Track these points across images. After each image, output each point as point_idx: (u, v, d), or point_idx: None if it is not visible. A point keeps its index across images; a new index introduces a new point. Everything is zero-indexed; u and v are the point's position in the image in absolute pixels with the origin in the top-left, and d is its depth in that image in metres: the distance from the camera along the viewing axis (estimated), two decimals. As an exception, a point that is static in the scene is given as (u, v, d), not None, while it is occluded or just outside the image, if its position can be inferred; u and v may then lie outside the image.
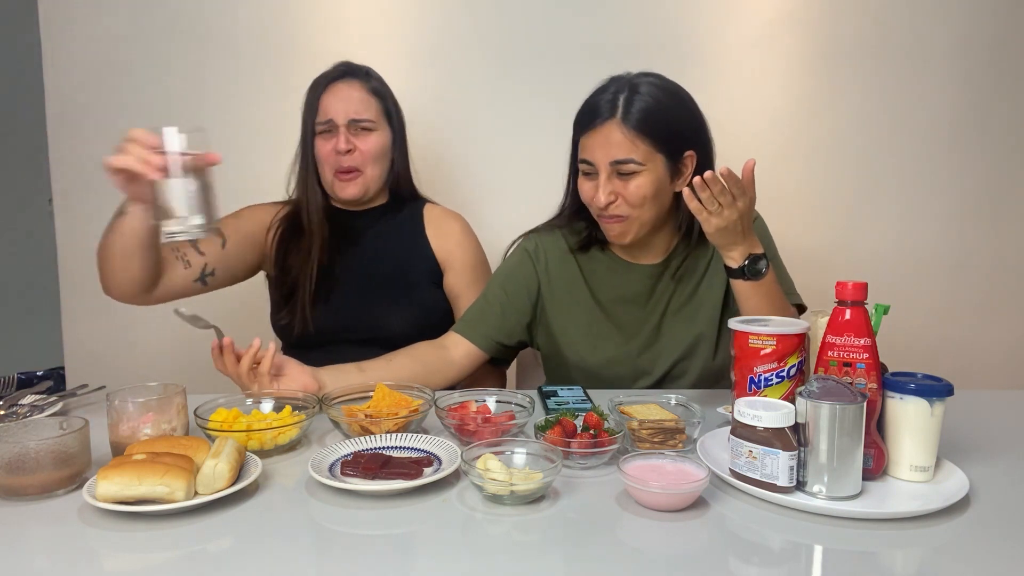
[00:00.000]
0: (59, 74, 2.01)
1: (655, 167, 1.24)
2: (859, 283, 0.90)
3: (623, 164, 1.23)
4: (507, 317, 1.42)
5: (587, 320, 1.41)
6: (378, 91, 1.52)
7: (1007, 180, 2.08)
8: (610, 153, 1.23)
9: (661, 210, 1.30)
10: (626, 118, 1.22)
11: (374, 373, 1.28)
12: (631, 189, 1.24)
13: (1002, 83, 2.04)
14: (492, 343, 1.41)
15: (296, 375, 1.22)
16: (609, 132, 1.23)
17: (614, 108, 1.23)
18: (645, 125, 1.22)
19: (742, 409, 0.87)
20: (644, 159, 1.23)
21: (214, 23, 1.99)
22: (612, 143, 1.23)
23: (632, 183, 1.24)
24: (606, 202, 1.26)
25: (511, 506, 0.84)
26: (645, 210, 1.27)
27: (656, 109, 1.23)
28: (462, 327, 1.42)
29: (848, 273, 0.98)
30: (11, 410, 1.15)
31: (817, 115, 2.04)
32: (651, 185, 1.24)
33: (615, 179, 1.25)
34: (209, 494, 0.83)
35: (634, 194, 1.24)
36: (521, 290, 1.43)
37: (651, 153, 1.23)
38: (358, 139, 1.48)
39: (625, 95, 1.24)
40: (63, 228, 2.07)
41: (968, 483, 0.87)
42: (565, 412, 1.03)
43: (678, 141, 1.25)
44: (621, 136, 1.22)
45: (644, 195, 1.24)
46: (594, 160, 1.26)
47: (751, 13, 2.00)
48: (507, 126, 2.02)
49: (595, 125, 1.25)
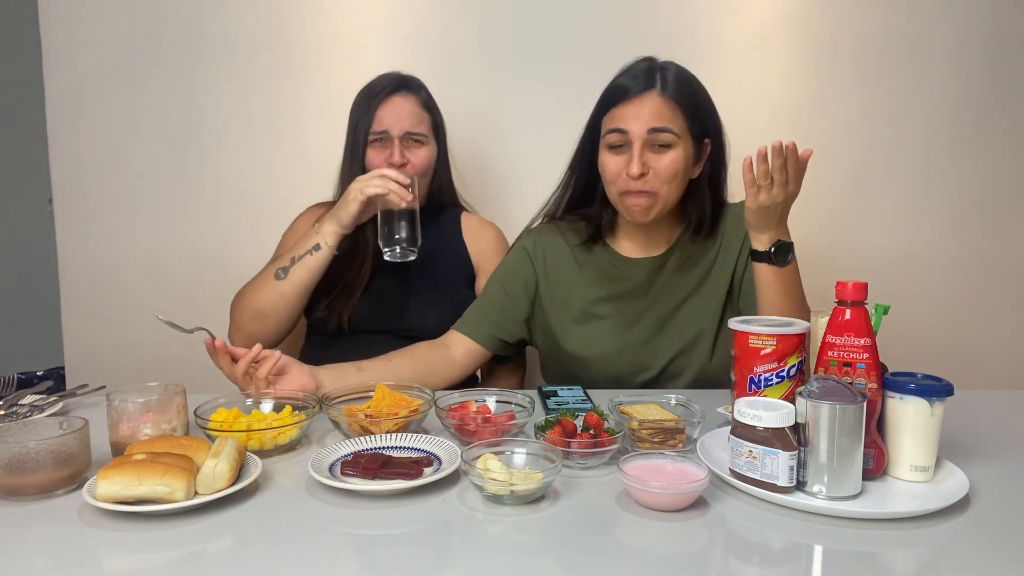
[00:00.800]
0: (59, 74, 2.01)
1: (686, 144, 1.25)
2: (859, 283, 0.90)
3: (661, 133, 1.23)
4: (506, 314, 1.43)
5: (586, 316, 1.41)
6: (429, 105, 1.58)
7: (1007, 180, 2.08)
8: (649, 121, 1.23)
9: (682, 192, 1.30)
10: (665, 88, 1.24)
11: (373, 373, 1.28)
12: (665, 163, 1.24)
13: (1002, 83, 2.04)
14: (492, 340, 1.42)
15: (295, 375, 1.22)
16: (649, 100, 1.23)
17: (652, 80, 1.25)
18: (683, 97, 1.24)
19: (742, 409, 0.87)
20: (680, 132, 1.24)
21: (214, 23, 1.99)
22: (651, 111, 1.23)
23: (666, 156, 1.24)
24: (639, 172, 1.23)
25: (511, 506, 0.84)
26: (673, 188, 1.27)
27: (689, 87, 1.27)
28: (462, 325, 1.43)
29: (848, 273, 0.98)
30: (11, 410, 1.15)
31: (817, 116, 2.04)
32: (682, 161, 1.25)
33: (647, 152, 1.24)
34: (209, 494, 0.82)
35: (667, 168, 1.24)
36: (519, 287, 1.44)
37: (685, 128, 1.25)
38: (410, 152, 1.53)
39: (662, 71, 1.26)
40: (63, 228, 2.07)
41: (968, 483, 0.87)
42: (565, 412, 1.03)
43: (703, 124, 1.28)
44: (662, 104, 1.23)
45: (676, 170, 1.24)
46: (629, 128, 1.24)
47: (751, 14, 2.00)
48: (502, 127, 2.02)
49: (631, 95, 1.25)
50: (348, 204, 1.38)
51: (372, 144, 1.52)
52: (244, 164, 2.04)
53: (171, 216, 2.05)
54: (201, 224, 2.05)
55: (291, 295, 1.42)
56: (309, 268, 1.42)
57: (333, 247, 1.42)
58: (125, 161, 2.04)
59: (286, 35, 1.99)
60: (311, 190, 1.73)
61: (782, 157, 1.10)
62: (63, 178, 2.05)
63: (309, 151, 2.01)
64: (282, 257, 1.46)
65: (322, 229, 1.42)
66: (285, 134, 2.03)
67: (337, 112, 1.77)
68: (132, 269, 2.07)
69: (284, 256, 1.45)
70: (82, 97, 2.01)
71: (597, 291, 1.41)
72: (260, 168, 2.04)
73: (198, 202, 2.05)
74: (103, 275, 2.07)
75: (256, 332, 1.44)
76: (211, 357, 1.20)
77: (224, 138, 2.03)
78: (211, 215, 2.05)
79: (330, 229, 1.41)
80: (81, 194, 2.04)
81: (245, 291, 1.47)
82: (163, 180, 2.04)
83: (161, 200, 2.05)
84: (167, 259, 2.06)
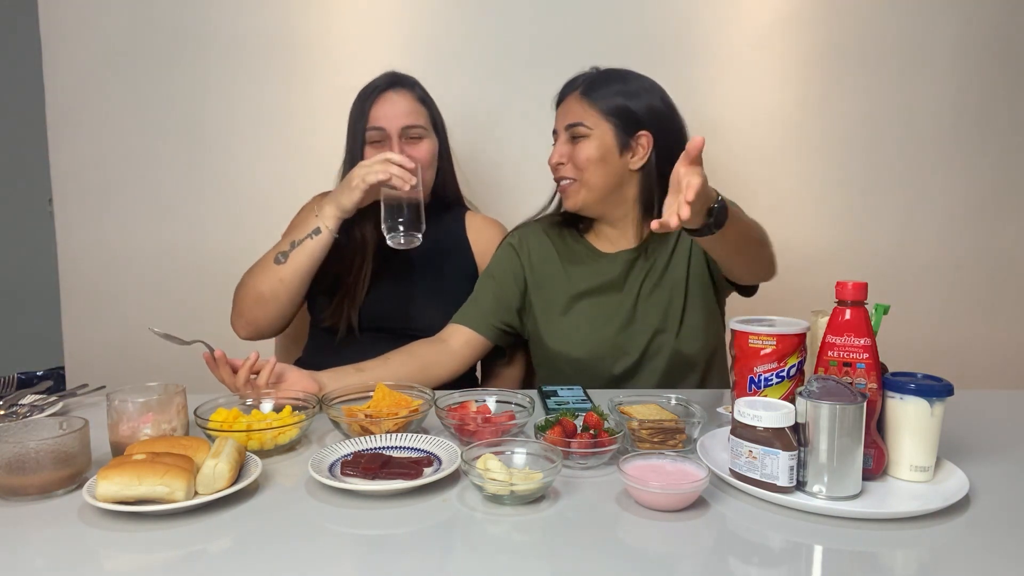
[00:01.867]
0: (59, 74, 2.01)
1: (602, 134, 1.38)
2: (859, 283, 0.90)
3: (574, 127, 1.39)
4: (500, 303, 1.48)
5: (568, 309, 1.46)
6: (425, 100, 1.56)
7: (1007, 180, 2.08)
8: (566, 119, 1.41)
9: (610, 178, 1.40)
10: (583, 90, 1.40)
11: (373, 373, 1.30)
12: (577, 152, 1.38)
13: (1002, 83, 2.04)
14: (490, 327, 1.47)
15: (295, 380, 1.23)
16: (570, 102, 1.42)
17: (577, 83, 1.43)
18: (597, 95, 1.39)
19: (742, 409, 0.87)
20: (593, 124, 1.38)
21: (214, 23, 1.99)
22: (570, 110, 1.41)
23: (579, 146, 1.38)
24: (556, 162, 1.42)
25: (511, 506, 0.84)
26: (591, 174, 1.38)
27: (612, 86, 1.39)
28: (458, 316, 1.48)
29: (848, 273, 0.98)
30: (11, 410, 1.15)
31: (817, 116, 2.04)
32: (596, 150, 1.37)
33: (568, 144, 1.40)
34: (209, 494, 0.82)
35: (579, 156, 1.38)
36: (509, 278, 1.50)
37: (599, 120, 1.38)
38: (410, 147, 1.51)
39: (590, 75, 1.43)
40: (63, 228, 2.07)
41: (968, 483, 0.87)
42: (565, 412, 1.03)
43: (629, 118, 1.38)
44: (577, 105, 1.40)
45: (588, 156, 1.37)
46: (557, 127, 1.44)
47: (751, 14, 2.00)
48: (504, 127, 2.02)
49: (563, 99, 1.45)
50: (351, 191, 1.35)
51: (370, 143, 1.51)
52: (244, 164, 2.04)
53: (171, 216, 2.05)
54: (201, 224, 2.05)
55: (291, 280, 1.40)
56: (309, 252, 1.39)
57: (334, 231, 1.39)
58: (125, 161, 2.04)
59: (287, 34, 1.99)
60: (312, 190, 1.73)
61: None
62: (63, 178, 2.05)
63: (310, 150, 2.01)
64: (282, 242, 1.44)
65: (322, 212, 1.39)
66: (286, 133, 2.03)
67: (340, 111, 1.76)
68: (132, 269, 2.07)
69: (284, 240, 1.44)
70: (82, 97, 2.01)
71: (578, 285, 1.47)
72: (261, 168, 2.04)
73: (198, 202, 2.05)
74: (103, 275, 2.07)
75: (257, 319, 1.43)
76: (211, 370, 1.20)
77: (224, 137, 2.03)
78: (211, 215, 2.05)
79: (331, 212, 1.38)
80: (81, 194, 2.04)
81: (247, 276, 1.45)
82: (163, 180, 2.04)
83: (161, 200, 2.05)
84: (167, 259, 2.06)
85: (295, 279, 1.40)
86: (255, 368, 1.20)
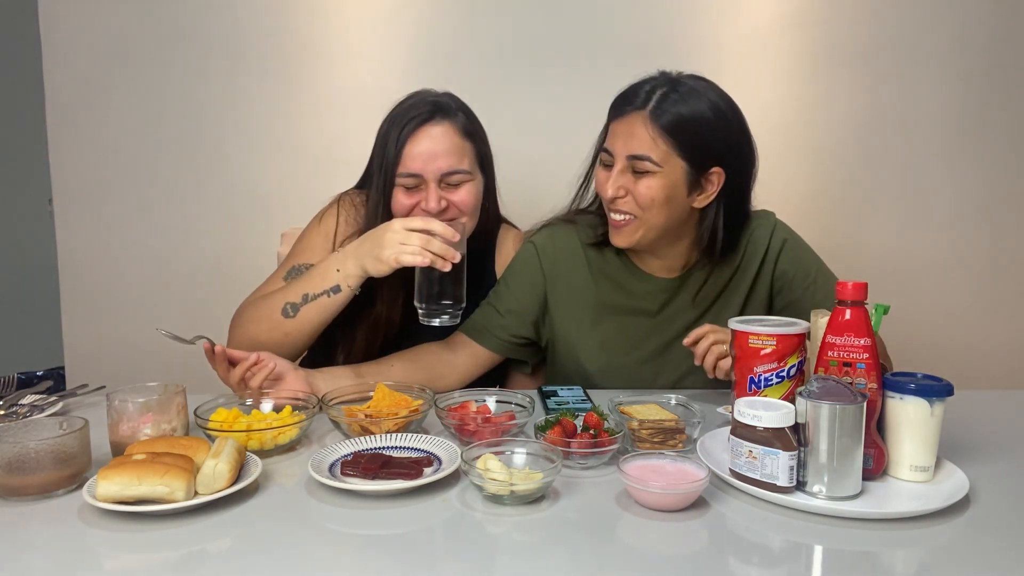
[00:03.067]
0: (59, 74, 2.01)
1: (672, 172, 1.19)
2: (859, 283, 0.90)
3: (639, 160, 1.19)
4: (512, 315, 1.37)
5: (591, 324, 1.37)
6: (471, 132, 1.34)
7: (1007, 180, 2.08)
8: (629, 146, 1.20)
9: (672, 219, 1.24)
10: (654, 114, 1.18)
11: (370, 379, 1.24)
12: (640, 188, 1.20)
13: (1001, 83, 2.04)
14: (497, 340, 1.36)
15: (290, 382, 1.19)
16: (634, 123, 1.19)
17: (647, 101, 1.20)
18: (671, 126, 1.17)
19: (742, 409, 0.86)
20: (662, 160, 1.18)
21: (214, 23, 1.99)
22: (634, 136, 1.19)
23: (643, 182, 1.20)
24: (613, 195, 1.22)
25: (511, 506, 0.84)
26: (653, 214, 1.21)
27: (688, 113, 1.18)
28: (467, 327, 1.37)
29: (848, 273, 0.98)
30: (11, 410, 1.15)
31: (817, 116, 2.04)
32: (662, 189, 1.19)
33: (628, 174, 1.21)
34: (209, 494, 0.82)
35: (643, 194, 1.20)
36: (525, 287, 1.37)
37: (670, 156, 1.18)
38: (450, 192, 1.30)
39: (662, 91, 1.20)
40: (63, 228, 2.07)
41: (968, 483, 0.87)
42: (565, 412, 1.02)
43: (705, 153, 1.20)
44: (644, 131, 1.18)
45: (653, 197, 1.19)
46: (613, 149, 1.23)
47: (751, 14, 2.00)
48: (513, 129, 2.02)
49: (624, 113, 1.22)
50: (380, 263, 1.17)
51: (403, 187, 1.29)
52: (244, 163, 2.04)
53: (171, 215, 2.06)
54: (201, 223, 2.05)
55: (297, 336, 1.24)
56: (324, 310, 1.23)
57: (355, 289, 1.23)
58: (125, 161, 2.04)
59: (286, 34, 1.99)
60: (313, 189, 1.72)
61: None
62: (63, 178, 2.05)
63: (310, 150, 2.02)
64: (292, 288, 1.25)
65: (345, 267, 1.21)
66: (286, 133, 2.03)
67: (340, 111, 1.78)
68: (132, 269, 2.07)
69: (295, 287, 1.25)
70: (82, 97, 2.01)
71: (605, 298, 1.36)
72: (261, 167, 2.05)
73: (198, 201, 2.05)
74: (103, 275, 2.07)
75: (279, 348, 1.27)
76: (209, 362, 1.18)
77: (224, 137, 2.03)
78: (211, 214, 2.05)
79: (355, 272, 1.20)
80: (81, 194, 2.04)
81: (246, 316, 1.30)
82: (163, 180, 2.05)
83: (161, 200, 2.05)
84: (167, 259, 2.06)
85: (301, 335, 1.25)
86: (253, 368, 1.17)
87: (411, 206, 1.30)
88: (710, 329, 1.18)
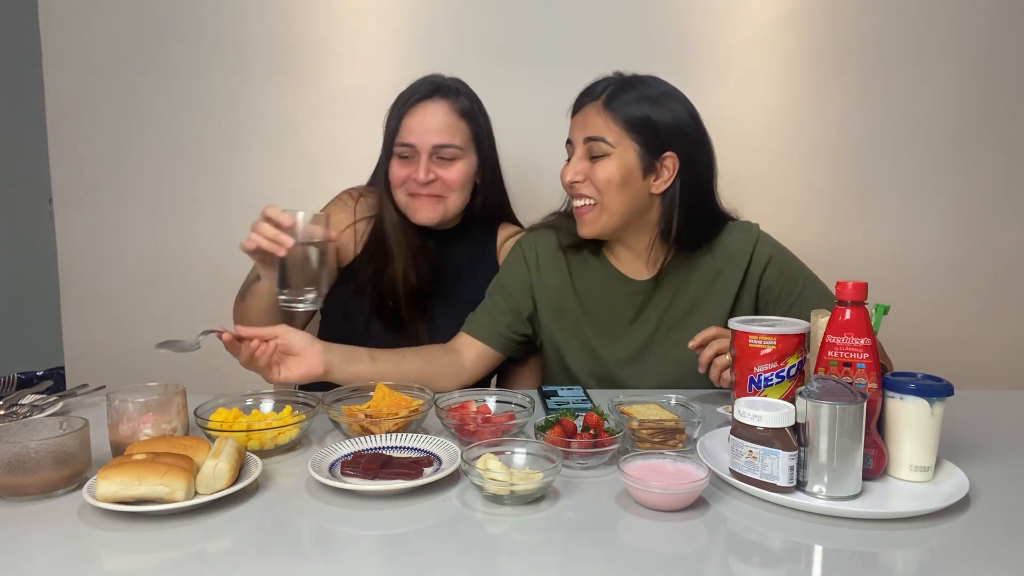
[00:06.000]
0: (59, 74, 2.01)
1: (626, 153, 1.27)
2: (859, 283, 0.90)
3: (595, 142, 1.27)
4: (510, 312, 1.41)
5: (572, 324, 1.41)
6: (468, 112, 1.41)
7: (1007, 180, 2.08)
8: (585, 130, 1.28)
9: (631, 204, 1.29)
10: (607, 102, 1.28)
11: (384, 365, 1.25)
12: (597, 171, 1.27)
13: (1002, 83, 2.04)
14: (501, 340, 1.40)
15: (303, 358, 1.18)
16: (589, 113, 1.29)
17: (601, 93, 1.29)
18: (622, 110, 1.26)
19: (742, 409, 0.87)
20: (616, 142, 1.26)
21: (214, 23, 1.99)
22: (589, 122, 1.28)
23: (599, 165, 1.27)
24: (572, 179, 1.29)
25: (511, 506, 0.84)
26: (612, 197, 1.27)
27: (637, 99, 1.27)
28: (469, 327, 1.41)
29: (848, 273, 0.98)
30: (11, 410, 1.15)
31: (816, 116, 2.04)
32: (618, 171, 1.26)
33: (586, 160, 1.29)
34: (209, 494, 0.82)
35: (600, 176, 1.27)
36: (519, 285, 1.42)
37: (623, 138, 1.26)
38: (441, 167, 1.38)
39: (615, 84, 1.30)
40: (63, 228, 2.07)
41: (968, 483, 0.87)
42: (565, 412, 1.03)
43: (656, 136, 1.27)
44: (598, 117, 1.27)
45: (609, 178, 1.26)
46: (573, 138, 1.31)
47: (750, 14, 2.00)
48: (513, 127, 2.02)
49: (581, 106, 1.32)
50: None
51: (399, 158, 1.39)
52: (244, 163, 2.04)
53: (171, 215, 2.06)
54: (201, 223, 2.05)
55: (255, 317, 1.32)
56: (259, 296, 1.30)
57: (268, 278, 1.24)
58: (125, 161, 2.04)
59: (289, 35, 1.99)
60: (312, 190, 1.72)
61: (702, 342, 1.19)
62: (63, 178, 2.05)
63: (310, 151, 2.02)
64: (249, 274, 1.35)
65: None
66: (286, 134, 2.03)
67: (340, 112, 1.78)
68: (132, 269, 2.07)
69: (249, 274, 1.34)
70: (82, 97, 2.01)
71: (585, 301, 1.40)
72: (261, 167, 2.05)
73: (198, 201, 2.05)
74: (103, 275, 2.07)
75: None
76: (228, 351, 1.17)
77: (224, 138, 2.03)
78: (211, 215, 2.05)
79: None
80: (81, 194, 2.04)
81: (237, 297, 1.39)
82: (163, 180, 2.05)
83: (161, 200, 2.05)
84: (167, 258, 2.06)
85: (258, 317, 1.31)
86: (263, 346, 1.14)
87: (404, 176, 1.39)
88: (717, 333, 1.18)
